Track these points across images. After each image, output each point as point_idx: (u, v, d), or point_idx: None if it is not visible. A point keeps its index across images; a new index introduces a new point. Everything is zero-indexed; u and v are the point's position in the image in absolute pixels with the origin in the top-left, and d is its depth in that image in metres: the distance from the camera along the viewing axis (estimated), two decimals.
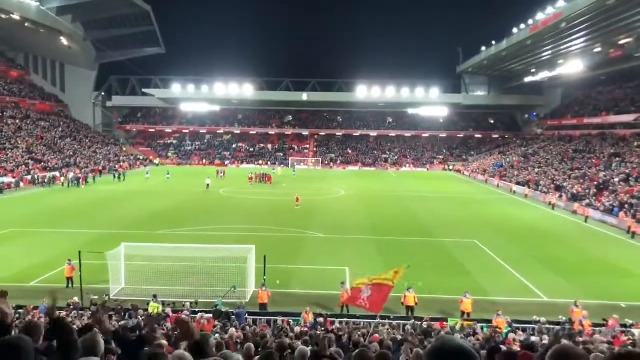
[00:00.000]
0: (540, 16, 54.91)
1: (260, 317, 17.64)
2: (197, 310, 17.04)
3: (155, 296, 18.27)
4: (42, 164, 61.45)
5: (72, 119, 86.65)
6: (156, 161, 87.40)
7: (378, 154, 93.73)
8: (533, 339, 13.99)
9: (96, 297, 18.76)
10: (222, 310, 17.35)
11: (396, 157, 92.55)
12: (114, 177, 62.95)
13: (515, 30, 63.26)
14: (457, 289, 20.16)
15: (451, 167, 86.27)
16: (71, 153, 70.43)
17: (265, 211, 41.21)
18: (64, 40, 77.89)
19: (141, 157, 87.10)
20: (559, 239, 32.96)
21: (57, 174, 59.10)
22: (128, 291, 20.40)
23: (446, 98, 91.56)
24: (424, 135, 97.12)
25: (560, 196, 47.68)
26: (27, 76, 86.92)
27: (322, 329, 14.66)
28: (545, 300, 20.85)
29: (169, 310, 16.97)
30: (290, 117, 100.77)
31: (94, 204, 43.95)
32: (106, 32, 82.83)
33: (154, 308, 17.21)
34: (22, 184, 52.80)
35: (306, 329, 14.43)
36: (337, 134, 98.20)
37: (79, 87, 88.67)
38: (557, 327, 16.05)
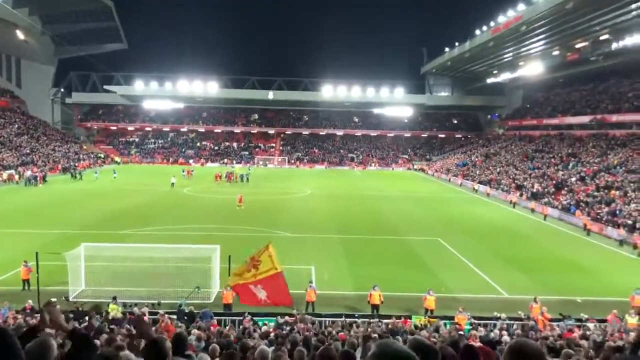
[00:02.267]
0: (501, 19, 56.20)
1: (225, 318, 17.45)
2: (159, 311, 16.70)
3: (114, 298, 17.84)
4: None
5: (29, 116, 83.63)
6: (118, 159, 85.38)
7: (344, 153, 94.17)
8: (492, 334, 14.32)
9: (55, 300, 18.18)
10: (186, 310, 17.09)
11: (362, 157, 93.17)
12: (72, 175, 61.03)
13: (477, 32, 64.59)
14: (421, 286, 20.43)
15: (415, 167, 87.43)
16: (28, 151, 68.09)
17: (230, 210, 40.80)
18: (20, 34, 75.01)
19: (102, 156, 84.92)
20: (519, 236, 33.85)
21: (13, 172, 57.02)
22: (89, 293, 19.86)
23: (410, 98, 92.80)
24: (389, 134, 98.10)
25: (521, 195, 48.96)
26: None
27: (288, 328, 14.60)
28: (506, 296, 21.36)
29: (142, 310, 16.58)
30: (256, 116, 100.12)
31: (52, 203, 42.61)
32: (66, 27, 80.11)
33: (113, 310, 16.77)
34: None
35: (271, 330, 14.36)
36: (304, 132, 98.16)
37: (37, 83, 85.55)
38: (516, 323, 16.47)
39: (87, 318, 13.47)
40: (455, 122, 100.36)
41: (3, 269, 22.47)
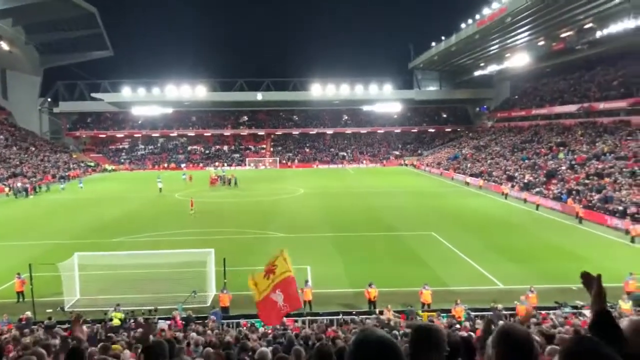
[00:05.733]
0: (486, 11, 56.45)
1: (223, 321, 17.43)
2: (157, 317, 16.64)
3: (118, 305, 17.73)
4: None
5: (17, 127, 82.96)
6: (108, 167, 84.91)
7: (335, 152, 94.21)
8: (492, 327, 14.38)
9: (50, 311, 18.11)
10: (183, 315, 17.05)
11: (353, 154, 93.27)
12: (63, 185, 60.42)
13: (463, 25, 64.83)
14: (417, 281, 20.50)
15: (406, 162, 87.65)
16: (17, 162, 67.55)
17: (223, 213, 40.74)
18: (4, 45, 74.35)
19: (92, 164, 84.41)
20: (512, 227, 34.06)
21: (1, 184, 56.53)
22: (84, 302, 19.76)
23: (399, 94, 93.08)
24: (379, 131, 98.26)
25: (513, 186, 49.24)
26: None
27: (282, 327, 14.62)
28: (501, 287, 21.48)
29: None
30: (246, 118, 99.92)
31: (43, 214, 42.29)
32: (50, 36, 79.51)
33: (117, 317, 16.59)
34: None
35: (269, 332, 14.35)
36: (294, 132, 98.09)
37: (23, 94, 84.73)
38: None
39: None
40: (445, 116, 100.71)
41: None
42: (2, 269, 23.90)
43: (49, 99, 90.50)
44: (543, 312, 16.52)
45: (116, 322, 16.18)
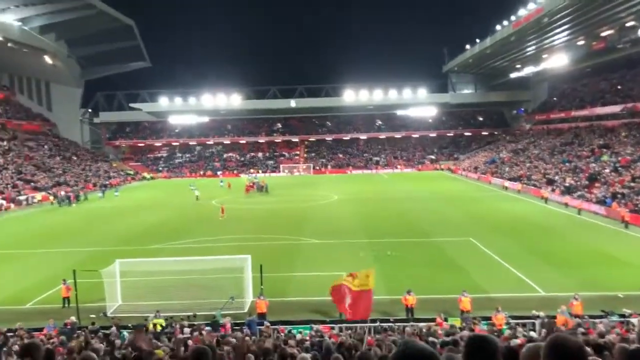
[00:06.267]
0: (522, 12, 55.32)
1: (260, 327, 17.50)
2: (195, 323, 16.85)
3: (158, 312, 17.99)
4: (32, 184, 60.94)
5: (60, 138, 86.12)
6: (147, 175, 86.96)
7: (369, 157, 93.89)
8: (532, 334, 14.02)
9: (94, 316, 18.59)
10: (221, 322, 17.20)
11: (387, 159, 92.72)
12: (103, 193, 62.14)
13: (498, 27, 63.73)
14: (455, 287, 20.14)
15: (442, 166, 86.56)
16: (60, 172, 69.91)
17: (258, 220, 41.07)
18: (48, 59, 77.44)
19: (131, 172, 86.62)
20: (553, 232, 33.10)
21: (46, 193, 58.57)
22: (125, 308, 20.20)
23: (434, 98, 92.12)
24: (413, 135, 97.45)
25: (553, 190, 47.96)
26: (13, 97, 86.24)
27: (318, 334, 14.58)
28: (543, 294, 20.87)
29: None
30: (280, 125, 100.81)
31: (85, 221, 43.54)
32: (90, 49, 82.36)
33: (156, 324, 16.81)
34: (12, 206, 52.30)
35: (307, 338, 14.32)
36: (327, 138, 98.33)
37: (66, 105, 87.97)
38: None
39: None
40: (481, 119, 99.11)
41: (44, 288, 23.05)
42: (47, 276, 24.72)
43: (90, 110, 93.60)
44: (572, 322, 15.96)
45: (159, 327, 16.40)
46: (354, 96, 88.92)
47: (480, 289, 21.18)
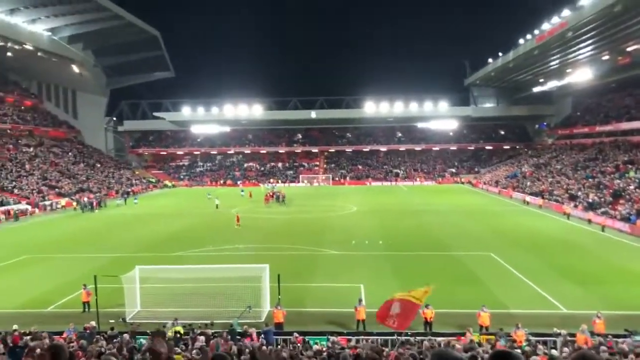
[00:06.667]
0: (546, 26, 54.88)
1: (277, 337, 17.50)
2: (219, 330, 16.89)
3: (176, 319, 18.06)
4: (56, 189, 62.13)
5: (85, 145, 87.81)
6: (169, 183, 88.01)
7: (388, 169, 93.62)
8: (554, 352, 13.75)
9: (113, 321, 18.79)
10: (239, 330, 17.24)
11: (407, 171, 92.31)
12: (124, 200, 63.12)
13: (521, 40, 63.27)
14: (474, 302, 19.89)
15: (463, 180, 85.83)
16: (84, 178, 71.15)
17: (277, 230, 41.17)
18: (75, 68, 79.27)
19: (153, 180, 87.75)
20: (576, 248, 32.49)
21: (70, 199, 59.69)
22: (143, 314, 20.37)
23: (455, 111, 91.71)
24: (434, 148, 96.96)
25: (575, 205, 47.16)
26: (40, 104, 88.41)
27: (338, 347, 14.50)
28: (564, 311, 20.47)
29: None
30: (300, 135, 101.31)
31: (107, 227, 44.22)
32: (116, 58, 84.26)
33: (174, 331, 16.80)
34: (37, 211, 53.37)
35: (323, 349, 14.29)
36: (347, 150, 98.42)
37: (91, 113, 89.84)
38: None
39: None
40: (503, 133, 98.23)
41: (65, 292, 23.40)
42: (69, 280, 25.11)
43: (114, 118, 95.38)
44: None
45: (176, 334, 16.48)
46: (375, 108, 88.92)
47: (500, 305, 20.88)
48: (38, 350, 4.72)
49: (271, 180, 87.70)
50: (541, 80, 76.68)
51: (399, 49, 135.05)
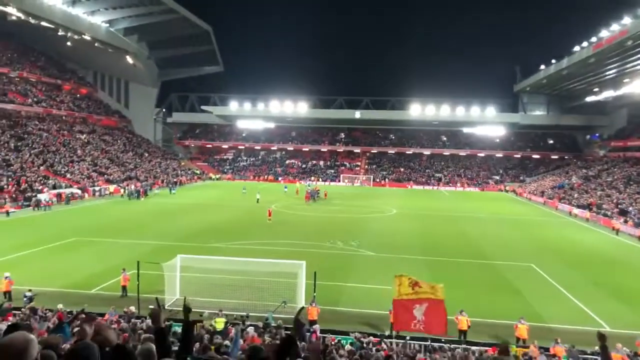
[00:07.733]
0: (604, 33, 52.96)
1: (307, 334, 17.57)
2: (247, 323, 17.14)
3: (221, 310, 18.27)
4: (105, 176, 64.38)
5: (135, 134, 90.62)
6: (213, 176, 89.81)
7: (431, 173, 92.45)
8: None
9: (152, 307, 19.31)
10: (273, 324, 17.44)
11: (449, 176, 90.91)
12: (170, 190, 64.83)
13: (577, 48, 61.24)
14: (512, 313, 19.47)
15: (507, 188, 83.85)
16: (132, 167, 73.43)
17: (316, 227, 41.35)
18: (130, 59, 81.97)
19: (198, 172, 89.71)
20: (624, 265, 31.25)
21: (117, 186, 61.81)
22: (182, 302, 20.77)
23: (503, 117, 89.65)
24: (479, 154, 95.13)
25: (626, 221, 45.33)
26: (95, 93, 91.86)
27: (374, 348, 14.50)
28: (608, 329, 19.75)
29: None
30: (343, 135, 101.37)
31: (152, 215, 45.54)
32: (168, 51, 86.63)
33: (219, 323, 16.85)
34: (86, 195, 55.49)
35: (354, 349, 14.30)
36: (389, 151, 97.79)
37: (142, 104, 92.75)
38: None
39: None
40: (551, 142, 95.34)
41: (109, 276, 24.24)
42: (114, 264, 25.95)
43: (164, 110, 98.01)
44: None
45: (219, 325, 16.62)
46: (420, 110, 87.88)
47: (538, 318, 20.35)
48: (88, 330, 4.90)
49: (312, 178, 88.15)
50: (595, 89, 74.06)
51: (448, 52, 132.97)
